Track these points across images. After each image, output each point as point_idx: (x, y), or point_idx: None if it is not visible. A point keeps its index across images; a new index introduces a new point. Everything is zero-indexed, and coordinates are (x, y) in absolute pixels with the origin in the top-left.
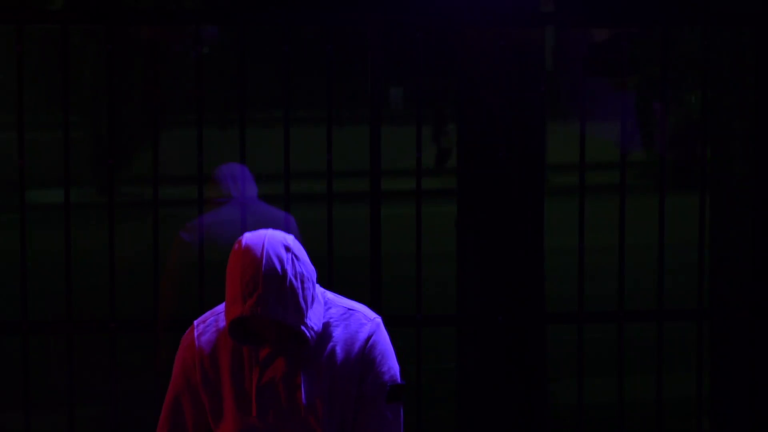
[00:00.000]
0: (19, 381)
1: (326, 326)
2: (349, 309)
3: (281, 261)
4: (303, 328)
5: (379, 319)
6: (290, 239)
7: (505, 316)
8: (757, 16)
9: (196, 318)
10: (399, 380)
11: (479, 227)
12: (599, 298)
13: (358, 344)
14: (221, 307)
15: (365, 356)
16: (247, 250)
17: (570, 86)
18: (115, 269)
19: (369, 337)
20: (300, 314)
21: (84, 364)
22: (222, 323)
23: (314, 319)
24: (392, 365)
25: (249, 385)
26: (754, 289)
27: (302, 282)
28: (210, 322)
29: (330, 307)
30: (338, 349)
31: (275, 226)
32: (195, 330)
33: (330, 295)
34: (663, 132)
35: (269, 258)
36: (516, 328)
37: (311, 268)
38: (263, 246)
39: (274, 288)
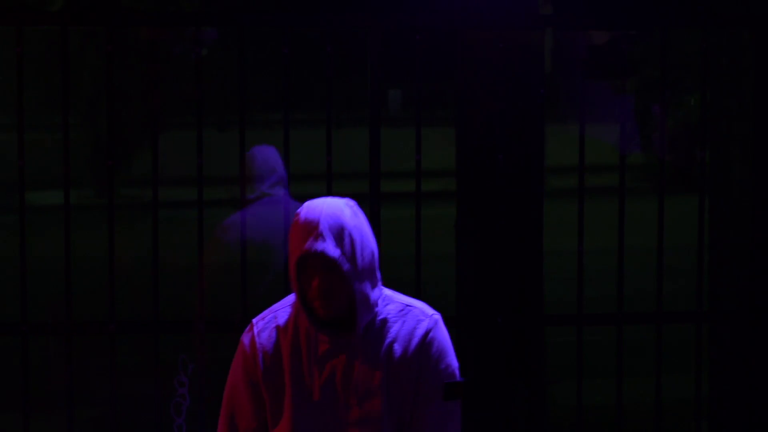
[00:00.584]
0: (19, 382)
1: (384, 322)
2: (407, 305)
3: (341, 210)
4: (356, 285)
5: (437, 316)
6: (351, 203)
7: (504, 318)
8: (757, 18)
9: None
10: (457, 377)
11: (478, 229)
12: (598, 301)
13: (415, 340)
14: (279, 305)
15: (423, 353)
16: (309, 206)
17: (569, 89)
18: (115, 271)
19: (426, 333)
20: (356, 269)
21: (83, 365)
22: (281, 320)
23: (372, 296)
24: (450, 362)
25: (309, 381)
26: (753, 292)
27: (362, 240)
28: (269, 319)
29: (388, 303)
30: (396, 346)
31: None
32: (254, 327)
33: (388, 291)
34: (662, 134)
35: (330, 206)
36: (515, 330)
37: (372, 239)
38: (323, 201)
39: (334, 228)
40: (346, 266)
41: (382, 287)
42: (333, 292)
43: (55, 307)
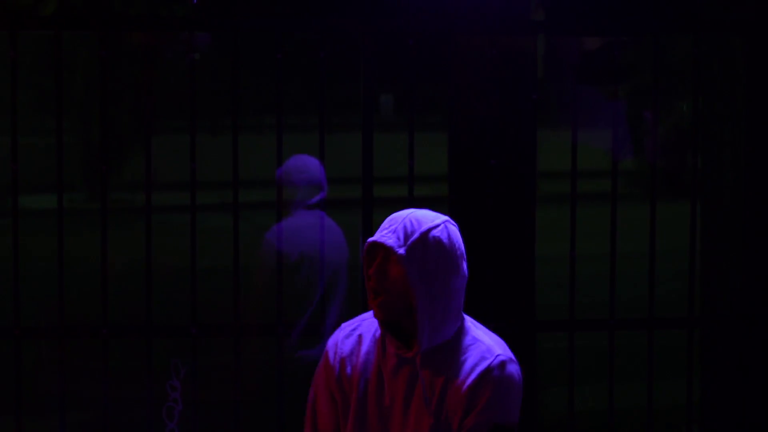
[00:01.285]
0: (11, 386)
1: (452, 351)
2: (478, 339)
3: (429, 220)
4: (419, 290)
5: (504, 357)
6: (451, 223)
7: (496, 324)
8: (749, 24)
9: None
10: (509, 421)
11: (470, 234)
12: (590, 306)
13: (473, 376)
14: (368, 314)
15: (476, 390)
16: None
17: (561, 94)
18: (107, 275)
19: (485, 372)
20: (423, 275)
21: (75, 369)
22: (364, 329)
23: (443, 318)
24: (504, 407)
25: (371, 393)
26: (745, 297)
27: (440, 254)
28: (356, 326)
29: (464, 335)
30: (454, 376)
31: (337, 238)
32: (341, 331)
33: (469, 323)
34: (654, 140)
35: (419, 213)
36: (507, 335)
37: (460, 267)
38: (418, 209)
39: (406, 228)
40: (406, 262)
41: (465, 319)
42: (385, 284)
43: (48, 310)
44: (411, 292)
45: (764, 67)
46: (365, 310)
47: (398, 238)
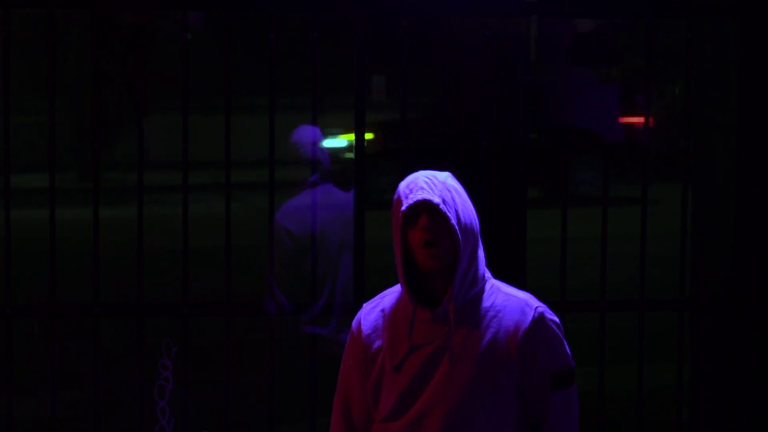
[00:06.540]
0: (3, 365)
1: (486, 311)
2: (511, 296)
3: (437, 174)
4: (461, 233)
5: (543, 308)
6: (450, 174)
7: None
8: (742, 9)
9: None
10: (565, 366)
11: None
12: (581, 289)
13: (522, 329)
14: (390, 290)
15: (527, 341)
16: (408, 176)
17: (554, 76)
18: (99, 254)
19: (533, 323)
20: (458, 220)
21: (67, 348)
22: (387, 303)
23: (474, 260)
24: (560, 353)
25: (404, 363)
26: (735, 280)
27: (461, 199)
28: (376, 303)
29: (492, 293)
30: (497, 332)
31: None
32: (362, 311)
33: (496, 282)
34: (646, 123)
35: (427, 172)
36: None
37: (472, 209)
38: (420, 171)
39: (431, 183)
40: (449, 212)
41: (491, 279)
42: (438, 235)
43: (40, 289)
44: (456, 238)
45: (757, 51)
46: (373, 286)
47: (434, 194)
